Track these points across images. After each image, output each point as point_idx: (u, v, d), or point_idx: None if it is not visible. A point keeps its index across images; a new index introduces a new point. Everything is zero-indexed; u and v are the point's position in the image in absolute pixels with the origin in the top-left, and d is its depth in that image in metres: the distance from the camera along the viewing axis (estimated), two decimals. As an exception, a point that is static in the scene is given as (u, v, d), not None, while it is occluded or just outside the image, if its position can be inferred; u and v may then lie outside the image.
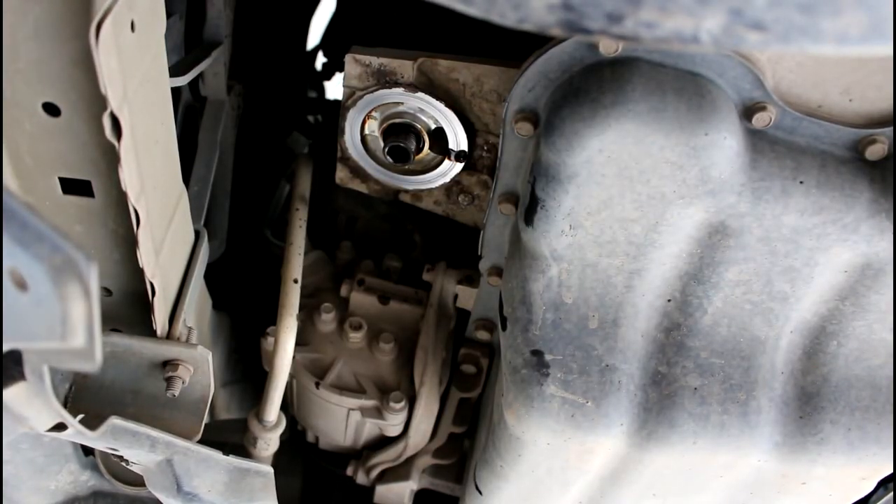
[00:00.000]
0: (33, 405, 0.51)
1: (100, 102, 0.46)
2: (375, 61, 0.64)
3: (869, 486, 0.68)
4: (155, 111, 0.56)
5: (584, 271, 0.61)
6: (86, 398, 0.63)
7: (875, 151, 0.55)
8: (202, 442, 0.67)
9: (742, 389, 0.63)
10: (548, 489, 0.71)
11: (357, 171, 0.74)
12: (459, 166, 0.69)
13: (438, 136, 0.68)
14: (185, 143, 0.71)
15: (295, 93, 1.19)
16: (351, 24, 1.08)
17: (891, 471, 0.65)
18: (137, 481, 0.80)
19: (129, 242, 0.57)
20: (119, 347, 0.62)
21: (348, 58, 0.65)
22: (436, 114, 0.66)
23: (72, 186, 0.54)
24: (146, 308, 0.62)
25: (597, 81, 0.53)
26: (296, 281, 0.79)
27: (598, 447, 0.63)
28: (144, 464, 0.69)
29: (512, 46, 0.61)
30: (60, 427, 0.58)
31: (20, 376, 0.45)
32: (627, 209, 0.57)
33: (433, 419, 0.89)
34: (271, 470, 0.72)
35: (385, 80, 0.65)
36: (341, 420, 0.88)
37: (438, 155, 0.70)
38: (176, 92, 0.67)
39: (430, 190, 0.72)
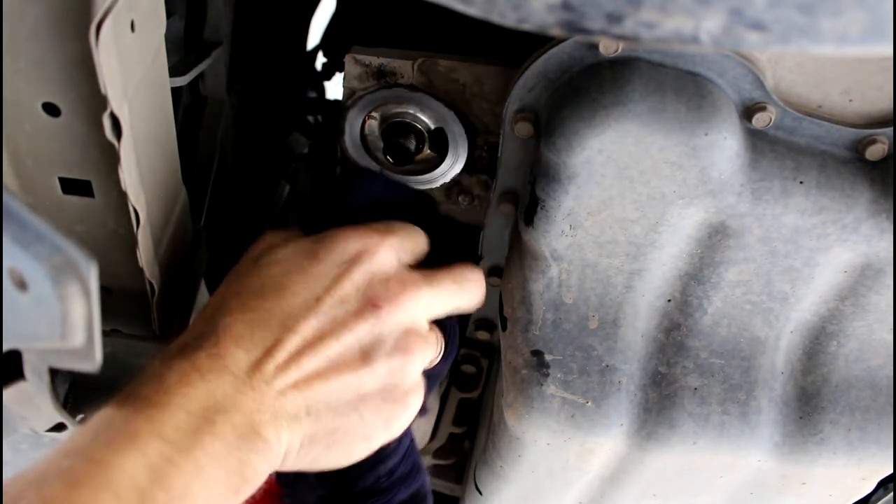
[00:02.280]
0: (33, 405, 0.51)
1: (100, 102, 0.46)
2: (375, 61, 0.64)
3: (869, 487, 0.68)
4: (155, 111, 0.56)
5: (584, 271, 0.61)
6: (86, 398, 0.63)
7: (875, 151, 0.55)
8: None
9: (742, 390, 0.63)
10: (548, 489, 0.71)
11: (357, 172, 0.74)
12: (459, 166, 0.69)
13: (438, 136, 0.68)
14: (185, 143, 0.71)
15: (295, 93, 1.19)
16: (351, 24, 1.08)
17: (891, 471, 0.65)
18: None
19: (129, 242, 0.57)
20: (119, 348, 0.62)
21: (348, 58, 0.65)
22: (436, 114, 0.66)
23: (72, 186, 0.54)
24: (146, 308, 0.63)
25: (597, 81, 0.53)
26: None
27: (598, 447, 0.63)
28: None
29: (512, 47, 0.61)
30: (60, 427, 0.58)
31: (20, 376, 0.45)
32: (627, 209, 0.57)
33: (433, 419, 0.89)
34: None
35: (385, 80, 0.65)
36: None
37: (438, 155, 0.70)
38: (176, 92, 0.67)
39: (429, 190, 0.72)
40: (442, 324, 0.58)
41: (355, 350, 0.49)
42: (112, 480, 0.38)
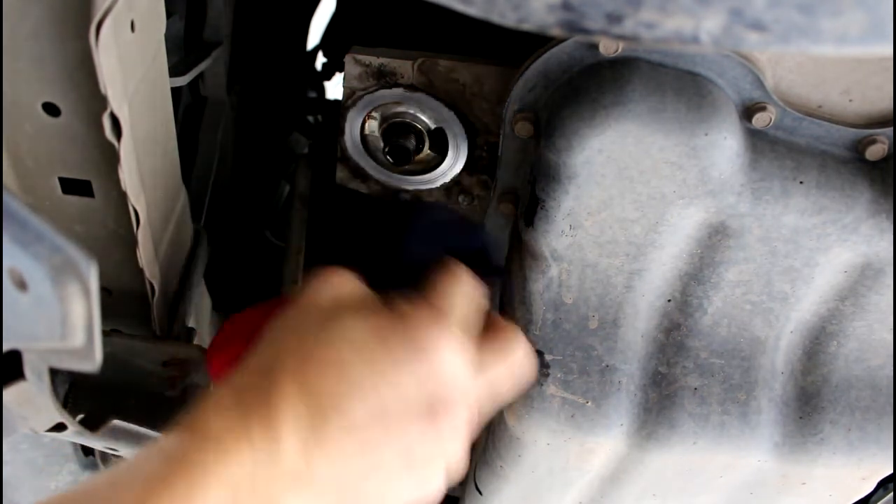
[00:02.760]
0: (33, 405, 0.51)
1: (100, 102, 0.46)
2: (375, 61, 0.64)
3: (869, 487, 0.68)
4: (155, 111, 0.56)
5: (584, 271, 0.61)
6: (86, 398, 0.64)
7: (875, 151, 0.55)
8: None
9: (742, 390, 0.63)
10: (548, 489, 0.71)
11: (357, 172, 0.74)
12: (459, 166, 0.69)
13: (438, 136, 0.68)
14: (185, 143, 0.71)
15: (295, 93, 1.19)
16: (351, 24, 1.08)
17: (891, 471, 0.65)
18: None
19: (129, 242, 0.57)
20: (119, 347, 0.62)
21: (348, 58, 0.65)
22: (436, 114, 0.66)
23: (72, 186, 0.54)
24: (146, 308, 0.63)
25: (597, 81, 0.53)
26: (296, 281, 0.79)
27: (598, 447, 0.63)
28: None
29: (512, 47, 0.61)
30: (60, 427, 0.58)
31: (20, 376, 0.45)
32: (627, 209, 0.57)
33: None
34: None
35: (385, 80, 0.65)
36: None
37: (438, 155, 0.70)
38: (176, 92, 0.67)
39: (430, 190, 0.72)
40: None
41: (401, 451, 0.49)
42: None
